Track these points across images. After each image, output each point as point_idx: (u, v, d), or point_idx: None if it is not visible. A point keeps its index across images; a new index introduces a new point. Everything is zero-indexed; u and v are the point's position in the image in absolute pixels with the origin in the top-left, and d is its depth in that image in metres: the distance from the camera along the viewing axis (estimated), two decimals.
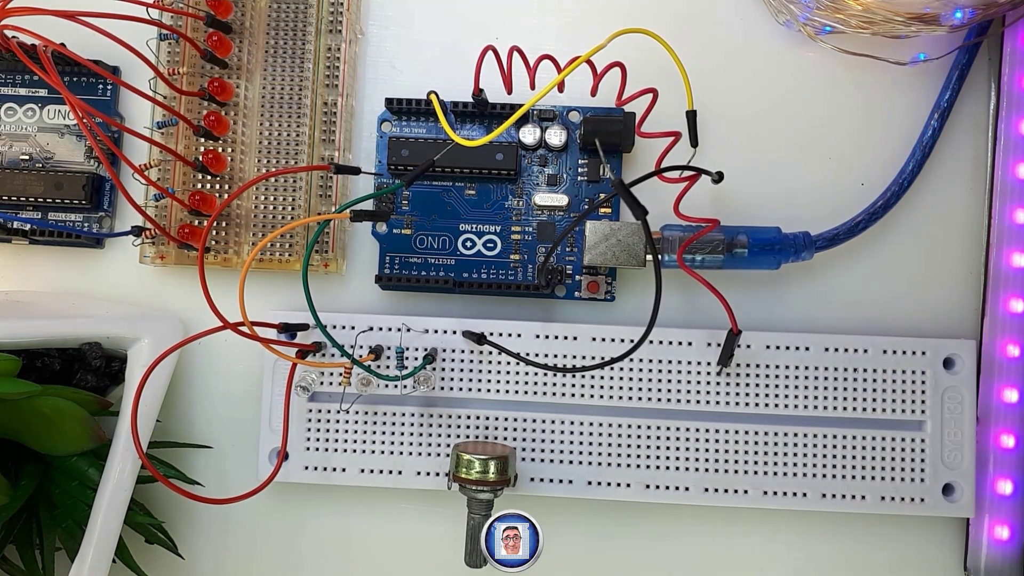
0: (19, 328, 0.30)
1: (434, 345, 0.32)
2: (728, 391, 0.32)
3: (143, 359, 0.31)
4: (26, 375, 0.31)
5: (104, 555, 0.29)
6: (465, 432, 0.32)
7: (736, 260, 0.32)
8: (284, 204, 0.33)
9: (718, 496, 0.32)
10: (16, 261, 0.35)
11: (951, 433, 0.32)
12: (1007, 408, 0.32)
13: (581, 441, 0.32)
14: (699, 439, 0.32)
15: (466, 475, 0.29)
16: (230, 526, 0.34)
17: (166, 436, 0.34)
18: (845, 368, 0.32)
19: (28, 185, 0.33)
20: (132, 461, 0.29)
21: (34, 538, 0.31)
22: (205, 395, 0.35)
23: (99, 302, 0.34)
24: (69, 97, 0.27)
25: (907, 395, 0.32)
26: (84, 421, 0.30)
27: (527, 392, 0.32)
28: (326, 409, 0.33)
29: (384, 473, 0.32)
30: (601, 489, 0.32)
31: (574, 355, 0.32)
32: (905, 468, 0.32)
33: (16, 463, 0.31)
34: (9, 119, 0.35)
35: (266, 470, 0.32)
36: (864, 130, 0.34)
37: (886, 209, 0.33)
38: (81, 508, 0.30)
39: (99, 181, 0.34)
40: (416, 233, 0.34)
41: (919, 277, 0.34)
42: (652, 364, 0.32)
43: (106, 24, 0.28)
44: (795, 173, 0.34)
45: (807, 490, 0.32)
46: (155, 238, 0.33)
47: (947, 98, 0.33)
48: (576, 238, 0.33)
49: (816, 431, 0.32)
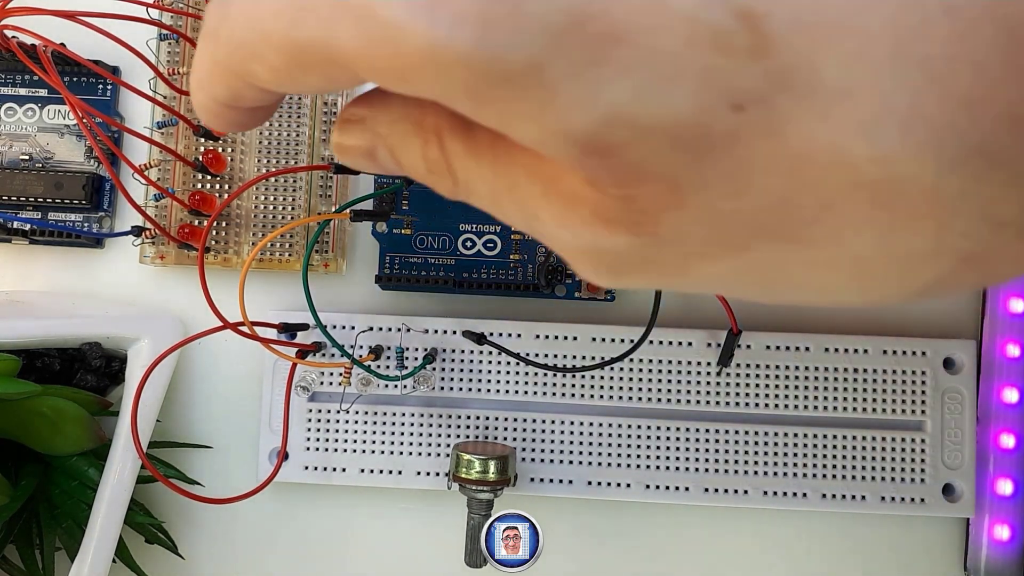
0: (19, 328, 0.30)
1: (434, 345, 0.32)
2: (728, 391, 0.32)
3: (143, 359, 0.31)
4: (26, 375, 0.31)
5: (104, 555, 0.29)
6: (465, 432, 0.32)
7: None
8: (284, 204, 0.33)
9: (718, 496, 0.32)
10: (16, 261, 0.35)
11: (951, 433, 0.32)
12: (1007, 408, 0.32)
13: (581, 441, 0.32)
14: (699, 439, 0.32)
15: (466, 475, 0.29)
16: (230, 526, 0.34)
17: (166, 436, 0.34)
18: (845, 368, 0.32)
19: (28, 185, 0.33)
20: (132, 461, 0.29)
21: (34, 538, 0.31)
22: (205, 395, 0.35)
23: (99, 302, 0.34)
24: (69, 97, 0.27)
25: (907, 395, 0.32)
26: (84, 421, 0.30)
27: (527, 392, 0.32)
28: (326, 409, 0.33)
29: (384, 473, 0.32)
30: (601, 489, 0.32)
31: (574, 355, 0.32)
32: (905, 468, 0.32)
33: (16, 463, 0.31)
34: (9, 119, 0.35)
35: (266, 470, 0.32)
36: None
37: None
38: (81, 508, 0.30)
39: (99, 181, 0.34)
40: (416, 233, 0.34)
41: None
42: (652, 364, 0.32)
43: (106, 24, 0.28)
44: None
45: (807, 490, 0.32)
46: (155, 238, 0.33)
47: None
48: None
49: (816, 431, 0.32)
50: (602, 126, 0.13)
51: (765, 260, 0.14)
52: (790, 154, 0.13)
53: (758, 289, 0.15)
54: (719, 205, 0.14)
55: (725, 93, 0.13)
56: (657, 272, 0.15)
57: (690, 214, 0.14)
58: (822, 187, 0.13)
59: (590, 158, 0.13)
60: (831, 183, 0.13)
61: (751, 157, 0.13)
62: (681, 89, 0.12)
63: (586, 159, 0.13)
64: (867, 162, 0.13)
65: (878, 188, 0.13)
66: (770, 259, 0.14)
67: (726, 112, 0.13)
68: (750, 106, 0.13)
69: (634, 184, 0.13)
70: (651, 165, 0.13)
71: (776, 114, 0.13)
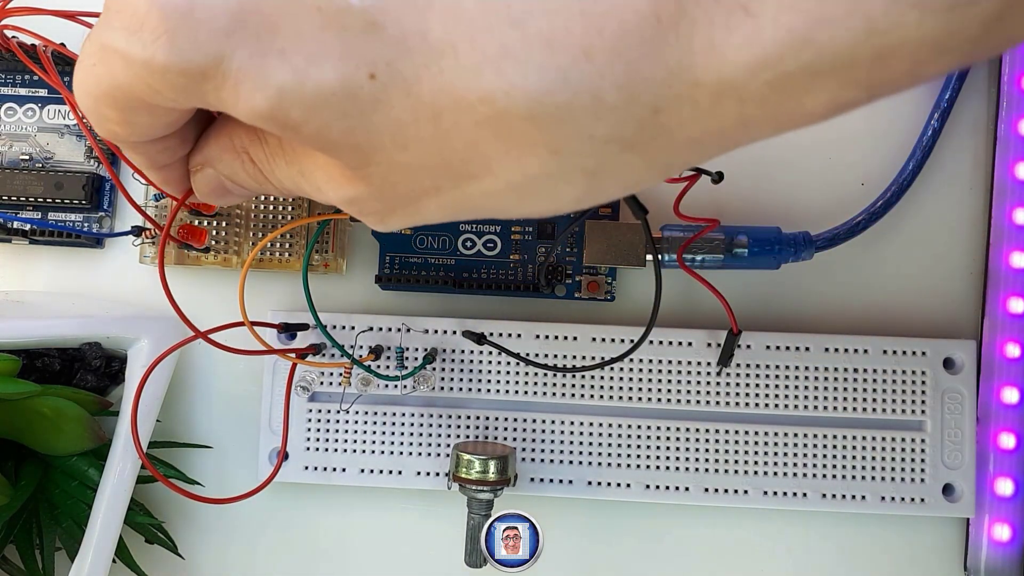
0: (19, 328, 0.30)
1: (434, 345, 0.32)
2: (728, 391, 0.32)
3: (143, 359, 0.31)
4: (26, 375, 0.31)
5: (104, 555, 0.29)
6: (465, 432, 0.32)
7: (736, 260, 0.32)
8: (284, 204, 0.33)
9: (718, 496, 0.32)
10: (16, 261, 0.35)
11: (951, 433, 0.32)
12: (1007, 408, 0.32)
13: (581, 441, 0.32)
14: (699, 439, 0.32)
15: (466, 475, 0.29)
16: (230, 526, 0.34)
17: (166, 436, 0.34)
18: (845, 368, 0.32)
19: (28, 185, 0.33)
20: (132, 461, 0.29)
21: (34, 538, 0.31)
22: (205, 395, 0.35)
23: (99, 302, 0.34)
24: (69, 97, 0.27)
25: (907, 395, 0.32)
26: (84, 421, 0.30)
27: (527, 392, 0.32)
28: (326, 409, 0.33)
29: (384, 473, 0.32)
30: (601, 489, 0.32)
31: (574, 355, 0.32)
32: (905, 468, 0.32)
33: (16, 463, 0.31)
34: (9, 119, 0.35)
35: (266, 470, 0.32)
36: (864, 130, 0.34)
37: (886, 209, 0.33)
38: (81, 508, 0.30)
39: (99, 181, 0.34)
40: (416, 233, 0.34)
41: (919, 277, 0.34)
42: (652, 364, 0.32)
43: None
44: (795, 173, 0.34)
45: (807, 490, 0.32)
46: (155, 238, 0.33)
47: (947, 98, 0.33)
48: (576, 238, 0.33)
49: (816, 431, 0.32)
50: (278, 103, 0.16)
51: (460, 195, 0.18)
52: (427, 107, 0.16)
53: (471, 214, 0.18)
54: (397, 158, 0.17)
55: (359, 64, 0.16)
56: (401, 211, 0.19)
57: (382, 168, 0.17)
58: (459, 130, 0.16)
59: (285, 132, 0.17)
60: (463, 125, 0.16)
61: (399, 116, 0.16)
62: (326, 65, 0.16)
63: (281, 132, 0.17)
64: (478, 103, 0.15)
65: (492, 123, 0.16)
66: (462, 194, 0.18)
67: (365, 80, 0.16)
68: (380, 73, 0.16)
69: (331, 149, 0.17)
70: (331, 133, 0.16)
71: (404, 76, 0.16)
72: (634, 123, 0.15)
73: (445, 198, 0.18)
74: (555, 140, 0.16)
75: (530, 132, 0.16)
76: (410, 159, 0.17)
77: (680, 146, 0.16)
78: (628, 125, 0.16)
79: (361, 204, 0.19)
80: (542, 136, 0.16)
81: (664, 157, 0.17)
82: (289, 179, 0.19)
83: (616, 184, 0.17)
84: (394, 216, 0.19)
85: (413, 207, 0.18)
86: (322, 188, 0.19)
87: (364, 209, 0.19)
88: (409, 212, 0.19)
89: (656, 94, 0.15)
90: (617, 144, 0.16)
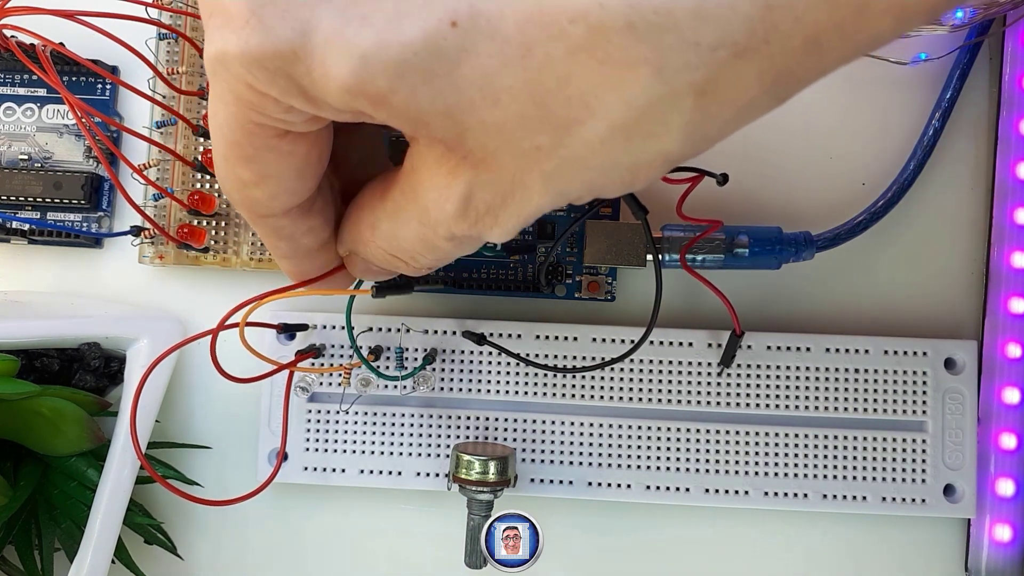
0: (18, 328, 0.30)
1: (434, 345, 0.32)
2: (729, 392, 0.32)
3: (142, 359, 0.31)
4: (25, 375, 0.31)
5: (103, 555, 0.29)
6: (465, 432, 0.32)
7: (737, 260, 0.32)
8: None
9: (719, 497, 0.32)
10: (15, 261, 0.35)
11: (952, 434, 0.32)
12: (1008, 409, 0.32)
13: (581, 442, 0.32)
14: (700, 440, 0.32)
15: (466, 476, 0.29)
16: (229, 527, 0.34)
17: (165, 437, 0.34)
18: (846, 368, 0.32)
19: (27, 185, 0.33)
20: (131, 462, 0.29)
21: (33, 539, 0.31)
22: (204, 395, 0.34)
23: (98, 302, 0.34)
24: (68, 97, 0.27)
25: (908, 396, 0.32)
26: (83, 421, 0.30)
27: (527, 392, 0.32)
28: (326, 409, 0.32)
29: (384, 474, 0.32)
30: (601, 490, 0.32)
31: (574, 355, 0.32)
32: (906, 469, 0.32)
33: (15, 463, 0.31)
34: (8, 119, 0.35)
35: (265, 471, 0.32)
36: (865, 129, 0.34)
37: (887, 209, 0.33)
38: (80, 509, 0.30)
39: (98, 181, 0.34)
40: None
41: (920, 277, 0.34)
42: (653, 364, 0.32)
43: (105, 24, 0.28)
44: (795, 173, 0.34)
45: (808, 491, 0.32)
46: (154, 238, 0.33)
47: (948, 97, 0.33)
48: (576, 238, 0.33)
49: (817, 432, 0.32)
50: (363, 70, 0.15)
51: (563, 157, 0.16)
52: (514, 45, 0.15)
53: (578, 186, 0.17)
54: (490, 118, 0.16)
55: (441, 13, 0.15)
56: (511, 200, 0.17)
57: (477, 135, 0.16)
58: (551, 65, 0.15)
59: (375, 109, 0.16)
60: (555, 57, 0.15)
61: (486, 64, 0.15)
62: (406, 21, 0.15)
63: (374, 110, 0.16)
64: (569, 23, 0.15)
65: (587, 46, 0.15)
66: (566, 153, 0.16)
67: (448, 29, 0.15)
68: (462, 18, 0.15)
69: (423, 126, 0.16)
70: (420, 100, 0.16)
71: (487, 15, 0.15)
72: (744, 23, 0.14)
73: (548, 164, 0.16)
74: (657, 53, 0.15)
75: (629, 48, 0.15)
76: (504, 115, 0.16)
77: (796, 50, 0.15)
78: (737, 26, 0.14)
79: (475, 203, 0.17)
80: (642, 50, 0.14)
81: (780, 62, 0.15)
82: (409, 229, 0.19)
83: (728, 107, 0.16)
84: (507, 209, 0.18)
85: (521, 189, 0.17)
86: (431, 209, 0.18)
87: (479, 210, 0.18)
88: (519, 199, 0.17)
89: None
90: (726, 50, 0.15)
